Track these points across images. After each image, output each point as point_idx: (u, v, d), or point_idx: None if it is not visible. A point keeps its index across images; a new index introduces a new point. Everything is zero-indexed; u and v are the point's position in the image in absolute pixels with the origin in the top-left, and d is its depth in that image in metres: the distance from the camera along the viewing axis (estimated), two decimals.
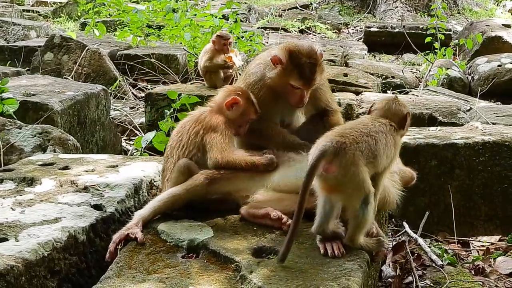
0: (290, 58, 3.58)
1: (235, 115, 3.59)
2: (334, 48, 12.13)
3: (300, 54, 3.58)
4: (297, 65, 3.56)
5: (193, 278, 2.85)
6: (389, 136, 3.09)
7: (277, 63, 3.60)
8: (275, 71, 3.62)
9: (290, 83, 3.59)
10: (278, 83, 3.63)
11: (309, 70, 3.56)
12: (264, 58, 3.77)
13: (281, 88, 3.65)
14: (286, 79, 3.59)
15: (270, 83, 3.65)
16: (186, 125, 3.60)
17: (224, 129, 3.52)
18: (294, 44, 3.66)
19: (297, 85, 3.59)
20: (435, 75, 10.44)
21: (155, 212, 3.39)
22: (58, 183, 3.85)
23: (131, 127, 7.42)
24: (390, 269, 4.07)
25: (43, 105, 5.59)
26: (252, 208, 3.35)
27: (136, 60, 9.43)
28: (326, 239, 3.04)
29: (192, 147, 3.51)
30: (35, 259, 3.01)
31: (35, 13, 16.80)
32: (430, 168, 4.75)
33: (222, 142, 3.47)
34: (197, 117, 3.60)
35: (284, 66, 3.58)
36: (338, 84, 8.21)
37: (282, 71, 3.59)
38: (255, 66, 3.81)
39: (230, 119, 3.58)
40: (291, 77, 3.58)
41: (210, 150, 3.46)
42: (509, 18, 18.47)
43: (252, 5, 18.67)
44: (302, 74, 3.56)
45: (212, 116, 3.57)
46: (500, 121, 6.15)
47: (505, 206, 4.77)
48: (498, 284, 4.13)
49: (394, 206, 3.49)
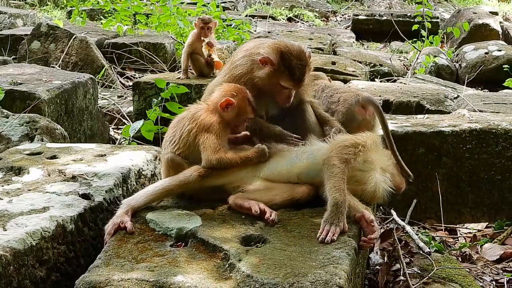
0: (281, 59, 3.59)
1: (230, 116, 3.53)
2: (322, 36, 12.12)
3: (291, 56, 3.61)
4: (288, 66, 3.59)
5: (181, 266, 2.85)
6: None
7: (266, 63, 3.61)
8: (264, 71, 3.63)
9: (280, 83, 3.62)
10: (267, 83, 3.65)
11: (299, 71, 3.60)
12: (250, 51, 3.77)
13: (269, 87, 3.67)
14: (276, 80, 3.62)
15: (258, 82, 3.66)
16: (181, 121, 3.56)
17: (217, 129, 3.47)
18: (284, 44, 3.68)
19: (288, 85, 3.63)
20: (422, 63, 10.48)
21: (145, 203, 3.39)
22: (46, 172, 3.84)
23: (119, 116, 7.39)
24: (378, 256, 4.10)
25: (30, 94, 5.57)
26: (239, 198, 3.36)
27: (123, 49, 9.39)
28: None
29: (183, 144, 3.50)
30: (23, 248, 3.00)
31: (21, 1, 16.65)
32: (417, 156, 4.77)
33: (215, 143, 3.43)
34: (193, 115, 3.55)
35: (275, 67, 3.60)
36: (327, 72, 8.15)
37: (273, 72, 3.61)
38: (241, 58, 3.81)
39: (226, 119, 3.53)
40: (281, 78, 3.61)
41: (204, 151, 3.44)
42: (496, 5, 18.52)
43: None
44: (293, 75, 3.60)
45: (207, 115, 3.52)
46: (487, 108, 6.17)
47: (492, 193, 4.80)
48: (485, 270, 4.17)
49: (381, 200, 3.53)
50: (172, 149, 3.52)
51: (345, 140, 3.43)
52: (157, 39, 9.80)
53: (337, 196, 3.17)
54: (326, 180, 3.26)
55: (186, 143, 3.49)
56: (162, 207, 3.44)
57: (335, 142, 3.44)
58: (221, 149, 3.43)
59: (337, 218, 3.12)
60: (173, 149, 3.52)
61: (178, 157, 3.51)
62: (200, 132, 3.46)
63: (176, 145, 3.52)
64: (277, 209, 3.34)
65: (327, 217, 3.13)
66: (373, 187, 3.40)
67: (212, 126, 3.47)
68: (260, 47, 3.71)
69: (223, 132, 3.50)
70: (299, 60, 3.61)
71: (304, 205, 3.43)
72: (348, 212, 3.22)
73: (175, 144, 3.52)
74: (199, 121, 3.49)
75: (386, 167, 3.54)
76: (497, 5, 18.65)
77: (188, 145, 3.49)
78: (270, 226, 3.20)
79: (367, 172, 3.42)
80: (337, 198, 3.16)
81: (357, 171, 3.40)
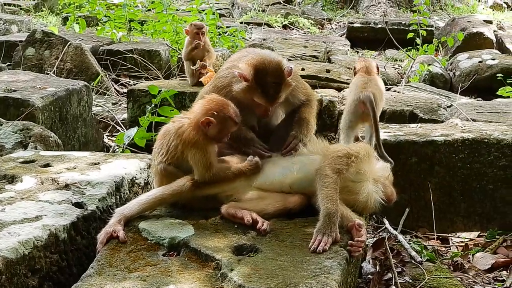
0: (255, 76, 3.61)
1: (213, 132, 3.50)
2: (317, 43, 12.14)
3: (265, 73, 3.62)
4: (261, 84, 3.61)
5: (173, 276, 2.87)
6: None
7: (242, 78, 3.63)
8: (240, 85, 3.65)
9: (254, 99, 3.65)
10: (243, 97, 3.68)
11: (273, 89, 3.62)
12: (233, 64, 3.81)
13: (246, 101, 3.69)
14: (250, 96, 3.65)
15: (236, 95, 3.69)
16: (167, 135, 3.56)
17: (203, 145, 3.47)
18: (262, 60, 3.68)
19: (261, 102, 3.65)
20: (417, 71, 10.50)
21: (138, 212, 3.41)
22: (39, 180, 3.84)
23: (113, 123, 7.39)
24: (370, 265, 4.11)
25: (24, 101, 5.57)
26: (232, 207, 3.38)
27: (118, 56, 9.38)
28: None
29: (171, 156, 3.52)
30: (15, 257, 3.00)
31: (16, 7, 16.65)
32: (410, 165, 4.79)
33: (204, 159, 3.45)
34: (177, 130, 3.53)
35: (249, 83, 3.62)
36: (321, 80, 8.21)
37: (247, 88, 3.63)
38: (225, 69, 3.87)
39: (209, 135, 3.50)
40: (255, 94, 3.63)
41: (195, 168, 3.46)
42: (491, 14, 18.61)
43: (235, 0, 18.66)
44: (266, 93, 3.62)
45: (191, 131, 3.49)
46: (480, 117, 6.20)
47: (484, 203, 4.82)
48: (476, 279, 4.18)
49: (373, 211, 3.57)
50: (162, 159, 3.54)
51: (338, 151, 3.46)
52: (152, 46, 9.81)
53: (330, 206, 3.19)
54: (318, 190, 3.28)
55: (174, 156, 3.52)
56: (155, 216, 3.45)
57: (328, 152, 3.47)
58: (212, 164, 3.45)
59: (329, 228, 3.14)
60: (163, 159, 3.54)
61: (170, 166, 3.53)
62: (186, 148, 3.48)
63: (165, 156, 3.53)
64: (270, 218, 3.36)
65: (319, 227, 3.15)
66: (365, 197, 3.44)
67: (198, 143, 3.46)
68: (241, 60, 3.74)
69: (209, 146, 3.50)
70: (274, 78, 3.62)
71: (296, 214, 3.45)
72: (341, 222, 3.24)
73: (164, 155, 3.53)
74: (183, 137, 3.49)
75: (378, 178, 3.57)
76: (492, 14, 18.75)
77: (177, 158, 3.51)
78: (262, 236, 3.22)
79: (359, 182, 3.45)
80: (330, 208, 3.18)
81: (349, 182, 3.43)
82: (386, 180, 3.65)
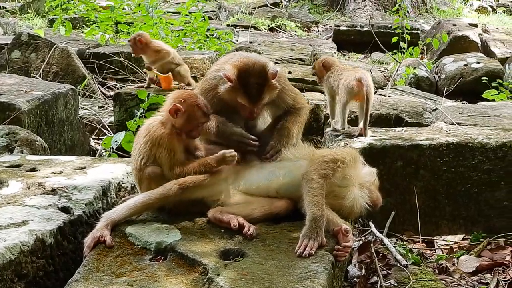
0: (238, 77, 3.66)
1: (181, 122, 3.52)
2: (303, 46, 12.16)
3: (249, 74, 3.66)
4: (244, 85, 3.65)
5: (160, 281, 2.87)
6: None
7: (227, 79, 3.67)
8: (225, 86, 3.70)
9: (238, 100, 3.69)
10: (228, 98, 3.73)
11: (255, 90, 3.66)
12: (220, 66, 3.85)
13: (231, 102, 3.74)
14: (234, 96, 3.69)
15: (221, 96, 3.74)
16: (140, 134, 3.61)
17: (167, 143, 3.50)
18: (246, 62, 3.72)
19: (244, 103, 3.69)
20: (402, 74, 10.58)
21: (125, 217, 3.41)
22: (25, 185, 3.84)
23: (100, 126, 7.39)
24: (356, 269, 4.14)
25: (10, 105, 5.55)
26: (218, 212, 3.39)
27: (105, 59, 9.37)
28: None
29: (143, 155, 3.53)
30: (1, 263, 3.00)
31: (2, 9, 16.58)
32: (396, 169, 4.82)
33: (168, 158, 3.49)
34: (147, 127, 3.59)
35: (233, 84, 3.66)
36: (307, 83, 8.25)
37: (231, 88, 3.67)
38: (212, 71, 3.93)
39: (177, 126, 3.53)
40: (238, 95, 3.67)
41: (163, 166, 3.51)
42: (476, 17, 18.75)
43: (222, 2, 18.70)
44: (249, 94, 3.66)
45: (158, 127, 3.54)
46: (465, 121, 6.24)
47: (468, 206, 4.86)
48: (461, 282, 4.22)
49: (358, 215, 3.60)
50: (137, 161, 3.56)
51: (325, 156, 3.48)
52: None
53: (316, 211, 3.21)
54: (304, 194, 3.31)
55: (146, 154, 3.53)
56: (141, 220, 3.45)
57: (314, 157, 3.49)
58: (176, 163, 3.49)
59: (315, 232, 3.16)
60: (138, 160, 3.55)
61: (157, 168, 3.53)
62: (153, 146, 3.51)
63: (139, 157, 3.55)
64: (256, 223, 3.38)
65: (305, 232, 3.17)
66: (351, 202, 3.46)
67: (162, 140, 3.50)
68: (228, 63, 3.79)
69: (175, 143, 3.52)
70: (256, 79, 3.66)
71: (283, 219, 3.47)
72: (327, 226, 3.27)
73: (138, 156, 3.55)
74: (150, 134, 3.53)
75: (364, 183, 3.60)
76: (477, 17, 18.89)
77: (148, 156, 3.53)
78: (249, 240, 3.23)
79: (345, 187, 3.48)
80: (316, 213, 3.20)
81: (335, 187, 3.45)
82: (372, 185, 3.68)
